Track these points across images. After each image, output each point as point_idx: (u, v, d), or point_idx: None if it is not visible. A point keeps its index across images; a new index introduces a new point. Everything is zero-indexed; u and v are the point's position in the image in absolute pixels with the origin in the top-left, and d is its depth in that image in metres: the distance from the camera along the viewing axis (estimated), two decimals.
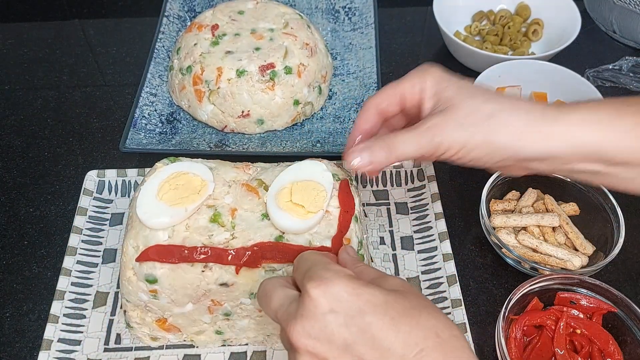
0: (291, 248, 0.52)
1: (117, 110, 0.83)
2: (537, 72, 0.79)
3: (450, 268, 0.63)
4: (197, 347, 0.59)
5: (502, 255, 0.65)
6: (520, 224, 0.65)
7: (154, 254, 0.52)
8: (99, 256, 0.66)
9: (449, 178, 0.75)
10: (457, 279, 0.62)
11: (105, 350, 0.59)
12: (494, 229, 0.66)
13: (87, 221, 0.68)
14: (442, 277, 0.63)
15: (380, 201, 0.71)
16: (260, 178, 0.57)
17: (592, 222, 0.67)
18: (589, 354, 0.57)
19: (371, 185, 0.72)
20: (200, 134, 0.79)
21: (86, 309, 0.61)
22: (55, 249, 0.68)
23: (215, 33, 0.79)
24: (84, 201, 0.69)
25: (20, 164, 0.77)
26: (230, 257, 0.52)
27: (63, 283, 0.62)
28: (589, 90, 0.76)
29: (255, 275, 0.52)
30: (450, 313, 0.60)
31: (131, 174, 0.71)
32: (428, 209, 0.69)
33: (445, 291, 0.62)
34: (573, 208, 0.68)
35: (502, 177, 0.68)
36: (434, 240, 0.66)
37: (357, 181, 0.70)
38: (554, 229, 0.66)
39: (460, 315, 0.59)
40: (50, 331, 0.58)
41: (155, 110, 0.80)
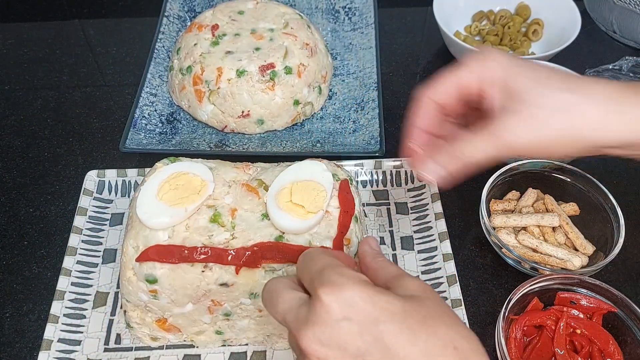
0: (291, 248, 0.52)
1: (117, 110, 0.83)
2: None
3: (450, 268, 0.63)
4: (197, 347, 0.59)
5: (502, 255, 0.65)
6: (520, 224, 0.65)
7: (154, 254, 0.52)
8: (99, 256, 0.66)
9: None
10: (457, 279, 0.62)
11: (105, 350, 0.59)
12: (494, 229, 0.66)
13: (87, 221, 0.68)
14: (442, 277, 0.63)
15: (380, 201, 0.71)
16: (260, 178, 0.57)
17: (592, 222, 0.67)
18: (589, 354, 0.57)
19: (371, 186, 0.72)
20: (200, 134, 0.79)
21: (86, 309, 0.61)
22: (55, 249, 0.68)
23: (215, 33, 0.79)
24: (84, 201, 0.69)
25: (20, 164, 0.77)
26: (230, 257, 0.52)
27: (63, 283, 0.62)
28: None
29: (255, 275, 0.52)
30: None
31: (131, 174, 0.71)
32: (428, 209, 0.69)
33: (445, 291, 0.62)
34: (573, 208, 0.68)
35: (502, 177, 0.68)
36: (434, 240, 0.66)
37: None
38: (554, 229, 0.66)
39: (460, 315, 0.59)
40: (50, 331, 0.58)
41: (155, 111, 0.80)
